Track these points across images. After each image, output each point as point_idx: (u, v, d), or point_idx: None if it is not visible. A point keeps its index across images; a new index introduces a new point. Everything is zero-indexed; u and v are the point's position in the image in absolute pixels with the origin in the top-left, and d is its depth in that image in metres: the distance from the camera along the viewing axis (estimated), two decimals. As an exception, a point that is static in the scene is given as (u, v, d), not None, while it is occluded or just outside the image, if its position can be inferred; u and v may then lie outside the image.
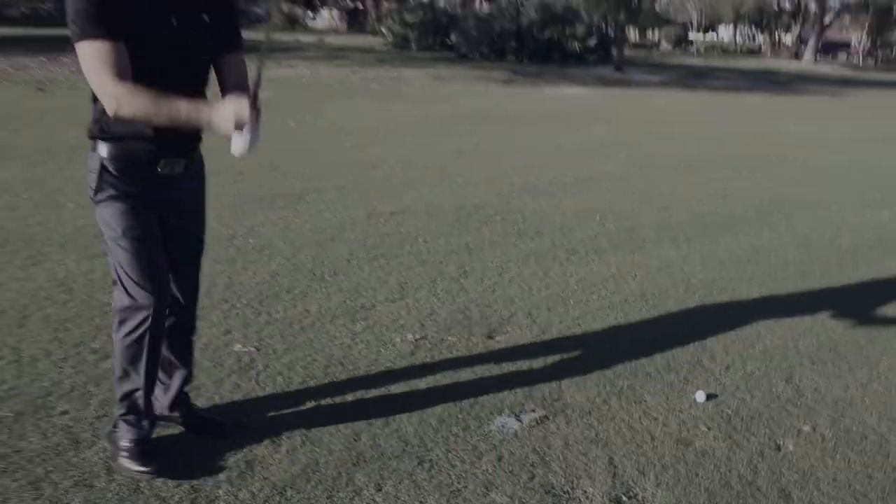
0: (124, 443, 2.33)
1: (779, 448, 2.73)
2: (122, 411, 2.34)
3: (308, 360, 3.12)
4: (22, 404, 2.64)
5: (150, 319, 2.22)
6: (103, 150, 2.15)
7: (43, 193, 5.56)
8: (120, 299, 2.24)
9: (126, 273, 2.19)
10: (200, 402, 2.74)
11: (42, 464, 2.32)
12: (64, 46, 18.05)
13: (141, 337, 2.24)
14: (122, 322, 2.26)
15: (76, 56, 2.00)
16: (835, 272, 4.85)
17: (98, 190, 2.17)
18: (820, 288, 4.54)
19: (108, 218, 2.17)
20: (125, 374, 2.30)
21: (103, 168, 2.15)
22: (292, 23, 57.24)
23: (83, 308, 3.51)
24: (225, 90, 2.31)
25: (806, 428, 2.88)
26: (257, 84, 2.10)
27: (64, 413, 2.60)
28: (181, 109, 2.02)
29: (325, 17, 64.01)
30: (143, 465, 2.29)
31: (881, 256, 5.27)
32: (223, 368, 3.01)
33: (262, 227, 4.99)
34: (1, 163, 6.51)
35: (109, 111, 2.01)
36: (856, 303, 4.28)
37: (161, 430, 2.50)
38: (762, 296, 4.31)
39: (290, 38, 35.36)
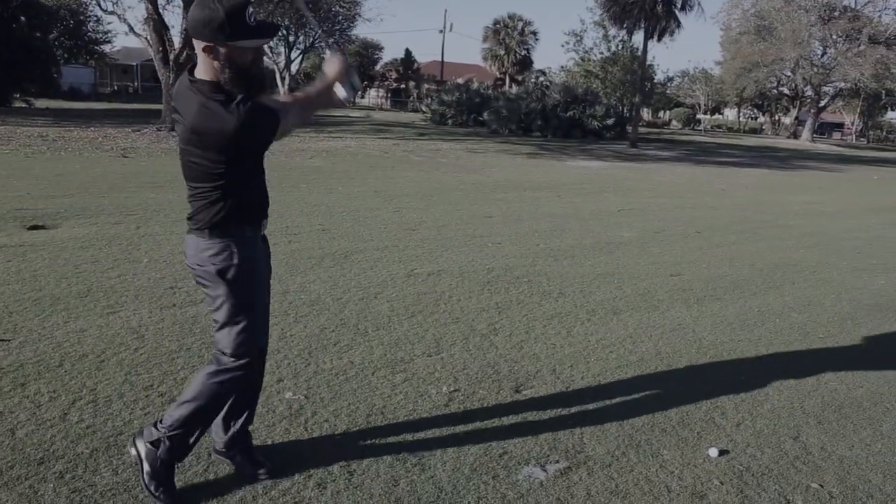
0: (157, 461, 2.33)
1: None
2: (174, 433, 2.33)
3: (352, 409, 3.09)
4: (97, 441, 2.65)
5: (254, 369, 2.36)
6: (234, 234, 2.28)
7: (122, 249, 5.68)
8: (234, 347, 2.30)
9: (245, 326, 2.29)
10: (254, 444, 2.72)
11: (112, 498, 2.32)
12: (147, 119, 18.68)
13: (239, 383, 2.35)
14: (224, 366, 2.31)
15: (155, 127, 2.13)
16: (837, 335, 4.72)
17: (234, 267, 2.27)
18: (823, 350, 4.41)
19: (243, 284, 2.28)
20: (201, 411, 2.32)
21: (236, 251, 2.27)
22: (343, 100, 58.64)
23: (153, 354, 3.54)
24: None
25: (814, 485, 2.77)
26: (340, 48, 2.34)
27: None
28: (313, 97, 2.38)
29: (372, 95, 65.62)
30: (166, 494, 2.32)
31: (880, 320, 5.12)
32: (275, 414, 2.99)
33: (312, 283, 5.02)
34: (88, 221, 6.68)
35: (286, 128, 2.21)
36: (858, 364, 4.14)
37: (215, 467, 2.49)
38: (769, 356, 4.20)
39: (340, 113, 36.18)
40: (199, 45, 2.09)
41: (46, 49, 27.66)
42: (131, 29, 19.83)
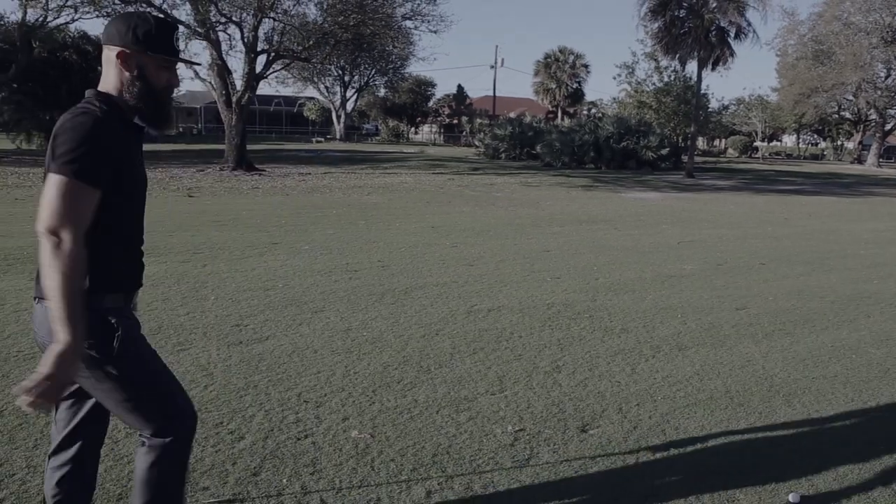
0: None
1: (879, 555, 2.46)
2: None
3: (418, 448, 3.07)
4: (171, 480, 2.69)
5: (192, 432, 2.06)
6: (110, 301, 1.90)
7: (190, 287, 5.85)
8: (163, 430, 1.97)
9: (167, 401, 1.98)
10: (322, 483, 2.73)
11: (186, 537, 2.34)
12: (210, 159, 19.34)
13: (187, 454, 2.07)
14: (171, 450, 1.98)
15: (218, 167, 1.93)
16: (920, 372, 4.47)
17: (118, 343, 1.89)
18: (906, 388, 4.18)
19: (137, 362, 1.93)
20: None
21: (117, 321, 1.90)
22: (397, 136, 59.78)
23: (221, 392, 3.60)
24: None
25: (907, 535, 2.60)
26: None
27: (205, 489, 2.64)
28: (75, 305, 1.72)
29: (425, 131, 66.57)
30: None
31: (966, 357, 4.83)
32: (342, 453, 3.00)
33: (374, 320, 5.06)
34: (157, 259, 6.92)
35: (47, 250, 1.72)
36: (945, 405, 3.91)
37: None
38: (847, 395, 4.00)
39: (395, 149, 36.78)
40: (111, 51, 1.91)
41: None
42: (196, 74, 20.70)
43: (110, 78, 1.93)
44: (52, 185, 1.74)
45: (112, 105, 1.90)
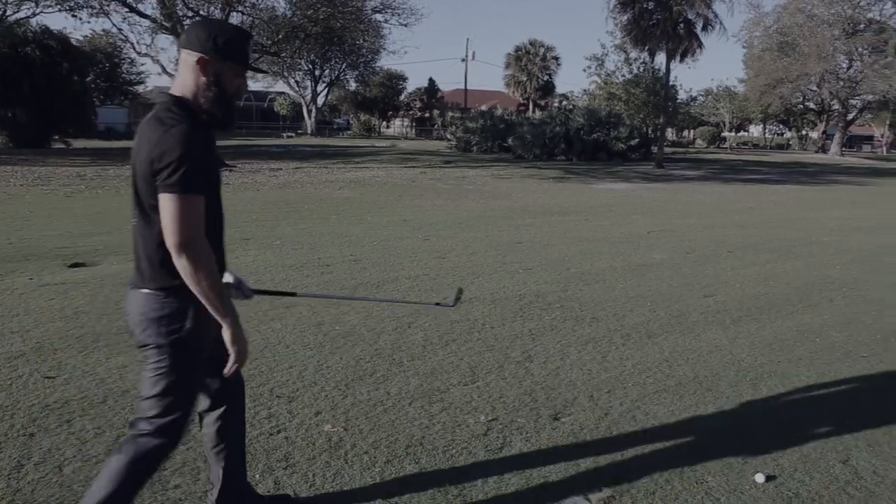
0: None
1: (842, 532, 2.53)
2: None
3: (391, 440, 3.07)
4: (141, 479, 2.66)
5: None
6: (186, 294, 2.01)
7: (160, 285, 5.77)
8: (164, 428, 2.09)
9: (186, 405, 2.12)
10: (295, 478, 2.73)
11: (157, 535, 2.32)
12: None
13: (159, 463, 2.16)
14: (155, 452, 2.10)
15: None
16: (881, 353, 4.59)
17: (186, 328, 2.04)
18: (867, 369, 4.29)
19: (190, 357, 2.08)
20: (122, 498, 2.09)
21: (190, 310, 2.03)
22: (369, 130, 59.49)
23: (193, 389, 3.56)
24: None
25: (868, 511, 2.67)
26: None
27: (177, 487, 2.62)
28: (223, 297, 1.98)
29: (397, 125, 66.33)
30: None
31: (925, 339, 4.97)
32: (315, 447, 2.99)
33: (346, 314, 5.04)
34: (127, 257, 6.79)
35: (184, 263, 1.90)
36: (905, 385, 4.02)
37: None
38: (811, 377, 4.09)
39: (366, 143, 36.62)
40: (190, 56, 2.00)
41: (84, 91, 28.57)
42: (164, 69, 20.41)
43: (187, 81, 2.02)
44: (169, 205, 1.88)
45: (189, 110, 1.99)
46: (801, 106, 50.35)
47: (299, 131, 54.29)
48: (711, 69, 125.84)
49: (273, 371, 3.86)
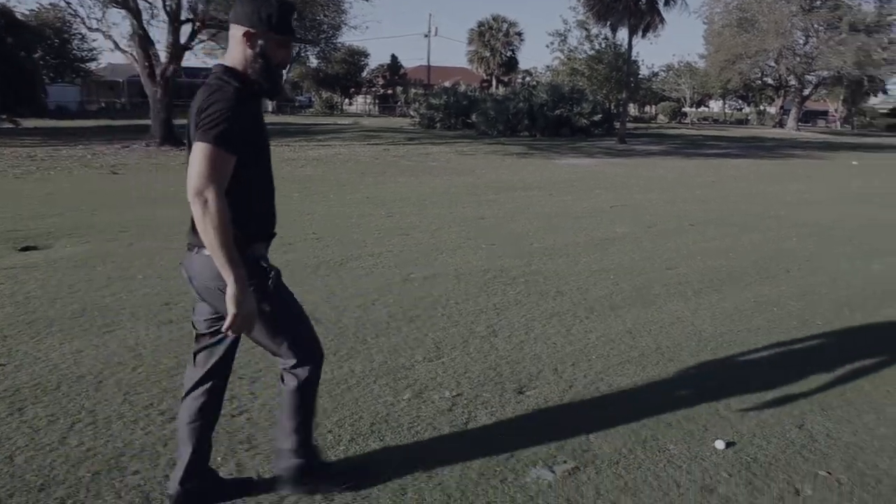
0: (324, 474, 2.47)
1: (798, 493, 2.59)
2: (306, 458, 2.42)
3: (355, 419, 3.05)
4: (98, 464, 2.60)
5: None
6: (257, 248, 2.23)
7: (116, 266, 5.63)
8: (305, 359, 2.34)
9: (309, 334, 2.38)
10: (258, 459, 2.69)
11: (115, 521, 2.27)
12: (135, 135, 18.61)
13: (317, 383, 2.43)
14: (311, 376, 2.36)
15: (144, 143, 2.02)
16: (834, 321, 4.71)
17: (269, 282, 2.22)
18: (822, 337, 4.40)
19: (284, 301, 2.30)
20: (307, 422, 2.41)
21: (268, 265, 2.24)
22: (331, 108, 58.70)
23: (151, 372, 3.49)
24: None
25: (822, 473, 2.74)
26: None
27: (136, 473, 2.56)
28: (231, 251, 2.00)
29: (360, 102, 65.56)
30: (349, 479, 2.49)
31: (876, 306, 5.12)
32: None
33: (308, 293, 4.97)
34: (80, 239, 6.62)
35: (197, 209, 1.98)
36: (858, 350, 4.13)
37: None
38: (769, 346, 4.18)
39: (329, 121, 36.14)
40: (238, 30, 2.12)
41: (32, 68, 27.53)
42: (117, 45, 19.73)
43: (235, 54, 2.14)
44: (198, 151, 1.98)
45: (239, 79, 2.10)
46: (760, 81, 51.18)
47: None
48: (673, 45, 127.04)
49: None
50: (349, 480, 2.51)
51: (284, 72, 2.34)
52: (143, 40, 19.16)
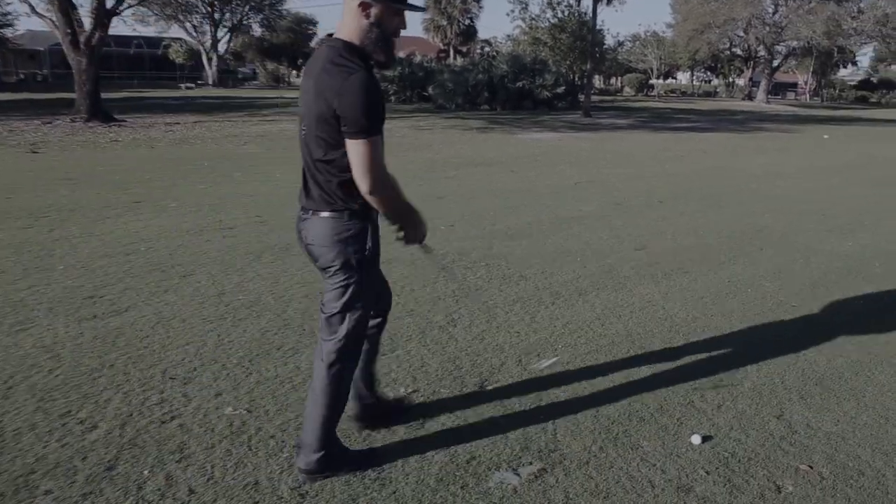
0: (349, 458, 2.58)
1: (779, 490, 2.56)
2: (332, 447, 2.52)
3: (300, 421, 2.90)
4: (2, 484, 2.41)
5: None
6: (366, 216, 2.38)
7: (33, 256, 5.35)
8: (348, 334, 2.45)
9: (367, 308, 2.47)
10: (191, 471, 2.54)
11: (23, 549, 2.10)
12: (59, 109, 17.92)
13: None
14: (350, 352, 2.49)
15: (69, 118, 1.88)
16: (810, 302, 4.74)
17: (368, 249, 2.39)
18: (798, 319, 4.41)
19: (371, 270, 2.45)
20: (338, 406, 2.51)
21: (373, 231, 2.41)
22: (277, 80, 57.63)
23: (70, 375, 3.29)
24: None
25: (803, 467, 2.72)
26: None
27: (48, 493, 2.38)
28: (407, 202, 2.42)
29: (308, 75, 64.50)
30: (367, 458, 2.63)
31: (851, 284, 5.17)
32: (214, 433, 2.80)
33: (250, 282, 4.80)
34: (-7, 227, 6.29)
35: (376, 194, 2.22)
36: (834, 332, 4.15)
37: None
38: (744, 330, 4.18)
39: (275, 94, 35.46)
40: (353, 1, 2.21)
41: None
42: (33, 9, 18.87)
43: (350, 25, 2.24)
44: (358, 150, 2.17)
45: (360, 55, 2.23)
46: (729, 52, 51.98)
47: (199, 82, 52.03)
48: (640, 13, 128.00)
49: (166, 349, 3.61)
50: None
51: (217, 42, 2.26)
52: (64, 3, 18.34)
